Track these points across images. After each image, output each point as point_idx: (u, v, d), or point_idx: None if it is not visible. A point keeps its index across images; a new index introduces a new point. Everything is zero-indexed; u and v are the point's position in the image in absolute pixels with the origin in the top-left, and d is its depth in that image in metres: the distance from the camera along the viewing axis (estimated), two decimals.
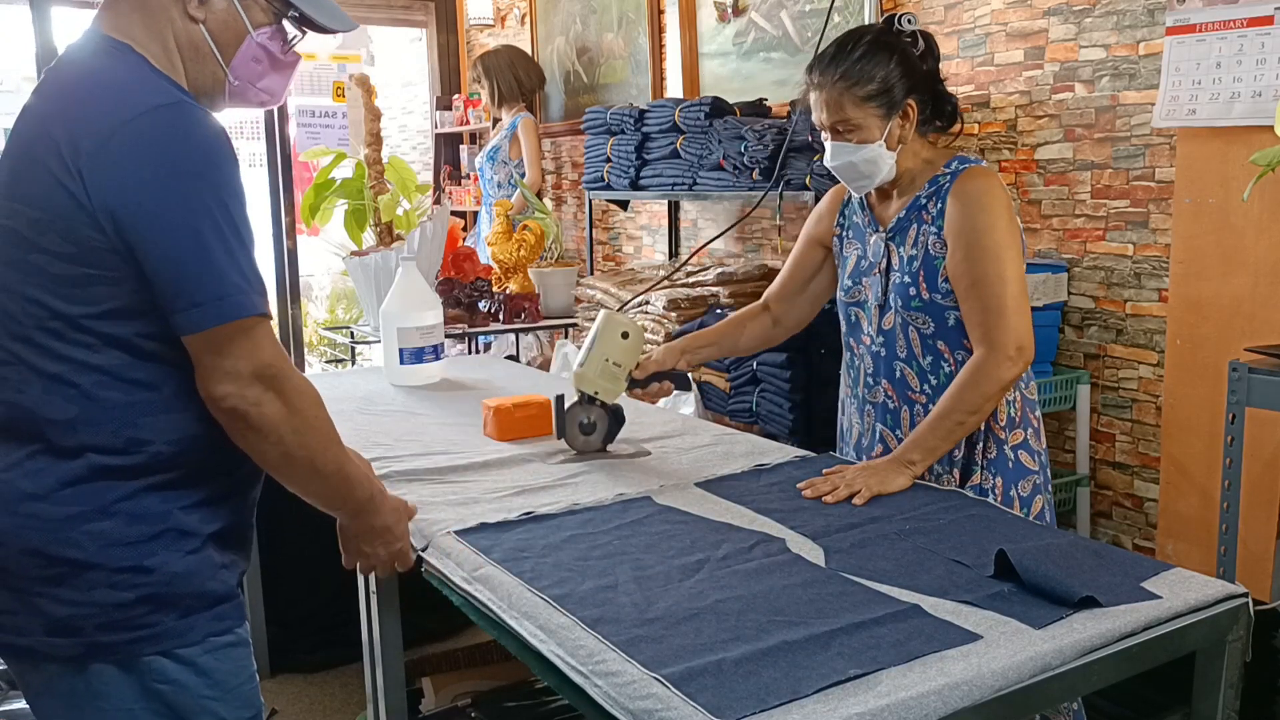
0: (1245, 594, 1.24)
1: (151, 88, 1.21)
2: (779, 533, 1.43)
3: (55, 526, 1.19)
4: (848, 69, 1.75)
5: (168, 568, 1.22)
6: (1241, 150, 2.29)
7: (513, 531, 1.47)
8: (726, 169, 3.47)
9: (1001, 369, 1.69)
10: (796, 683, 1.01)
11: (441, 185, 5.94)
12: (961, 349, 1.77)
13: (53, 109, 1.22)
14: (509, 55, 5.00)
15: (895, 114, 1.76)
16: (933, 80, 1.81)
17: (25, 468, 1.20)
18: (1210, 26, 2.42)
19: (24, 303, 1.19)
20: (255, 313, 1.19)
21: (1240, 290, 2.40)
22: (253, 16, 1.31)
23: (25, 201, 1.19)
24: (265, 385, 1.20)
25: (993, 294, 1.70)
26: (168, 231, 1.16)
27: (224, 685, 1.27)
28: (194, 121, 1.20)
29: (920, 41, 1.80)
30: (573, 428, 1.85)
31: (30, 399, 1.20)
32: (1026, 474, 1.79)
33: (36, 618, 1.20)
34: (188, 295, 1.16)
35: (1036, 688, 1.06)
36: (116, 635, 1.20)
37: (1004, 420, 1.78)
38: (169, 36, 1.27)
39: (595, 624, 1.15)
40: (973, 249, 1.72)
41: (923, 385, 1.81)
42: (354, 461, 1.36)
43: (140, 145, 1.16)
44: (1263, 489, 2.27)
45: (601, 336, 1.84)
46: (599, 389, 1.84)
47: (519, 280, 3.90)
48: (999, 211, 1.72)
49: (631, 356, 1.86)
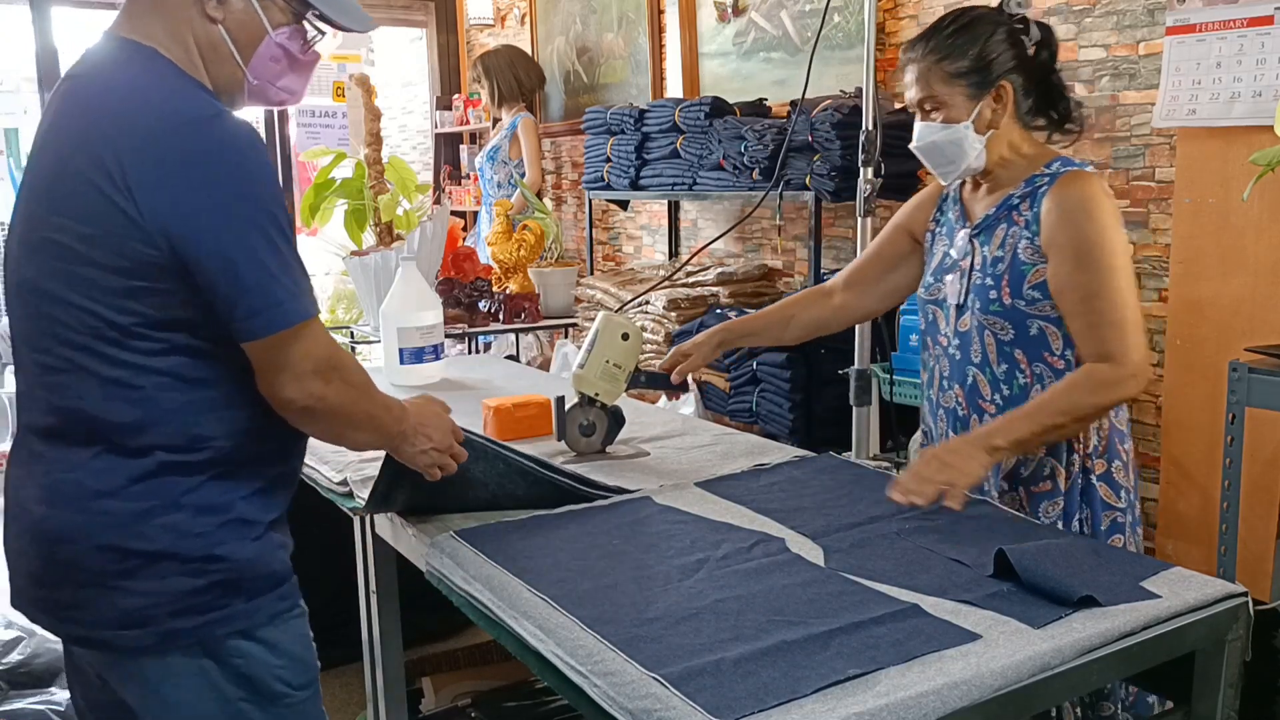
0: (1245, 593, 1.23)
1: (191, 98, 1.24)
2: (778, 532, 1.43)
3: (128, 521, 1.22)
4: (939, 43, 1.67)
5: (236, 555, 1.27)
6: (1241, 150, 2.29)
7: (513, 531, 1.47)
8: (726, 169, 3.47)
9: (1124, 384, 1.57)
10: (795, 682, 1.01)
11: (441, 185, 5.94)
12: (1041, 362, 1.66)
13: (89, 121, 1.22)
14: (509, 55, 5.00)
15: (986, 94, 1.65)
16: (1043, 70, 1.69)
17: (91, 467, 1.23)
18: (1210, 26, 2.42)
19: (76, 312, 1.21)
20: (309, 315, 1.25)
21: (1240, 290, 2.40)
22: (271, 16, 1.31)
23: (73, 217, 1.20)
24: (325, 378, 1.26)
25: (1113, 308, 1.58)
26: (223, 246, 1.19)
27: (289, 654, 1.33)
28: (237, 134, 1.22)
29: (1034, 30, 1.69)
30: (573, 429, 1.85)
31: (91, 404, 1.23)
32: (1106, 509, 1.66)
33: (109, 611, 1.24)
34: (246, 305, 1.20)
35: (1036, 687, 1.06)
36: (189, 620, 1.25)
37: (1090, 445, 1.66)
38: (189, 38, 1.28)
39: (594, 624, 1.15)
40: (1084, 260, 1.60)
41: (994, 394, 1.71)
42: (388, 406, 1.40)
43: (188, 161, 1.18)
44: (1263, 489, 2.27)
45: (601, 338, 1.84)
46: (599, 390, 1.83)
47: (519, 280, 3.90)
48: (1108, 221, 1.61)
49: (631, 358, 1.86)
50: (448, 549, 1.42)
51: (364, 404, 1.34)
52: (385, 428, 1.40)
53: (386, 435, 1.41)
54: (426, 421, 1.45)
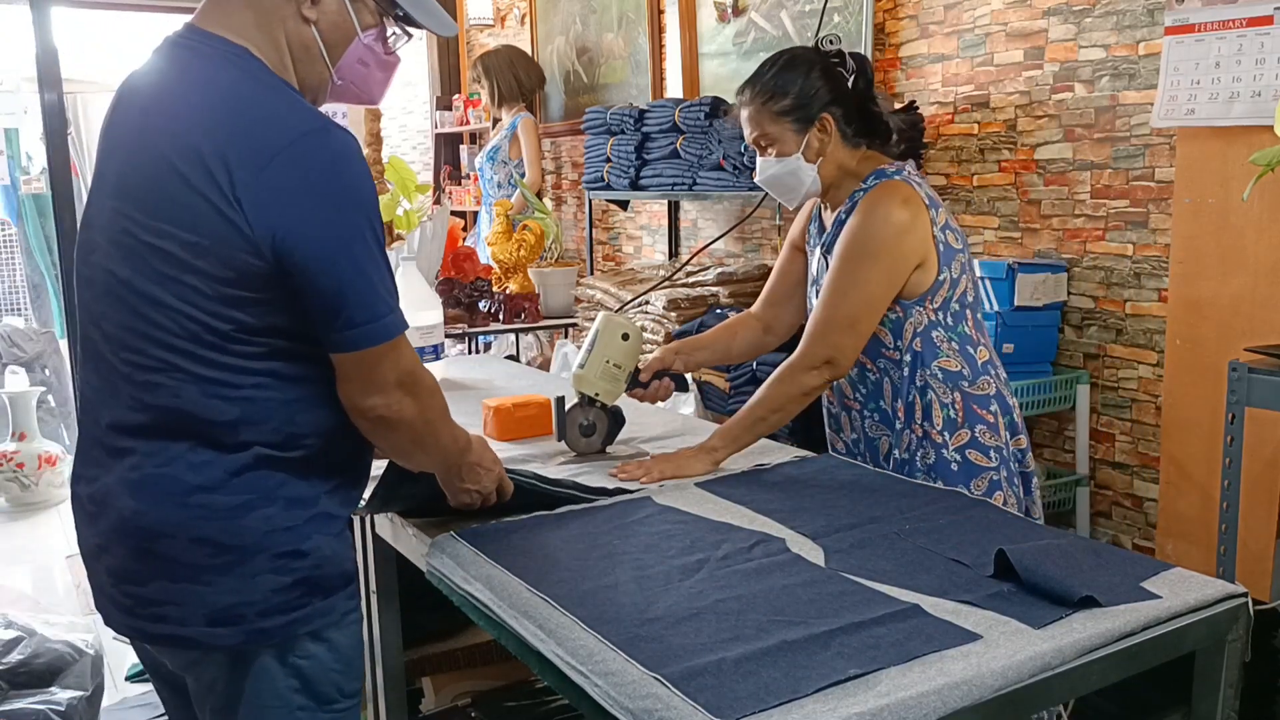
0: (1245, 594, 1.24)
1: (299, 109, 1.23)
2: (779, 532, 1.44)
3: (227, 514, 1.23)
4: (763, 86, 1.82)
5: (321, 551, 1.28)
6: (1241, 150, 2.29)
7: (513, 531, 1.47)
8: (726, 169, 3.47)
9: (803, 376, 1.76)
10: (796, 682, 1.01)
11: (441, 185, 5.94)
12: (881, 358, 1.83)
13: (189, 123, 1.20)
14: (509, 55, 5.00)
15: (811, 127, 1.80)
16: (861, 98, 1.83)
17: (188, 460, 1.23)
18: (1209, 26, 2.42)
19: (176, 316, 1.21)
20: (404, 329, 1.26)
21: (1240, 290, 2.40)
22: (361, 18, 1.32)
23: (178, 224, 1.19)
24: (405, 391, 1.27)
25: (827, 303, 1.77)
26: (328, 259, 1.19)
27: (346, 658, 1.34)
28: (343, 146, 1.22)
29: (849, 61, 1.83)
30: (573, 430, 1.85)
31: (188, 403, 1.23)
32: (980, 472, 1.79)
33: (199, 608, 1.24)
34: (346, 318, 1.21)
35: (1036, 687, 1.06)
36: (274, 620, 1.26)
37: (940, 423, 1.79)
38: (281, 37, 1.27)
39: (595, 623, 1.15)
40: (836, 255, 1.78)
41: (855, 393, 1.90)
42: (456, 436, 1.42)
43: (297, 174, 1.18)
44: (1262, 489, 2.27)
45: (601, 338, 1.85)
46: (599, 390, 1.84)
47: (519, 280, 3.90)
48: (877, 225, 1.74)
49: (631, 358, 1.87)
50: (448, 549, 1.42)
51: (438, 425, 1.36)
52: (450, 457, 1.41)
53: (448, 464, 1.43)
54: (484, 464, 1.47)
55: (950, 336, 1.80)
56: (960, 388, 1.80)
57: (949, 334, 1.80)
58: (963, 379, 1.80)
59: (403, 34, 1.38)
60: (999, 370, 1.86)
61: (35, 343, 5.19)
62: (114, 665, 2.92)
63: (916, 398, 1.81)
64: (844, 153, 1.83)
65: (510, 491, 1.53)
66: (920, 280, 1.78)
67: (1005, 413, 1.83)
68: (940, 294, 1.79)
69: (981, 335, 1.85)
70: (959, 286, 1.81)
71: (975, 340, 1.83)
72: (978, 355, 1.82)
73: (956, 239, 1.81)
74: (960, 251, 1.81)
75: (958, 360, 1.80)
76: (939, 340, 1.80)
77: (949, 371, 1.80)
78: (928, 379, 1.79)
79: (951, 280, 1.80)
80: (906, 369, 1.81)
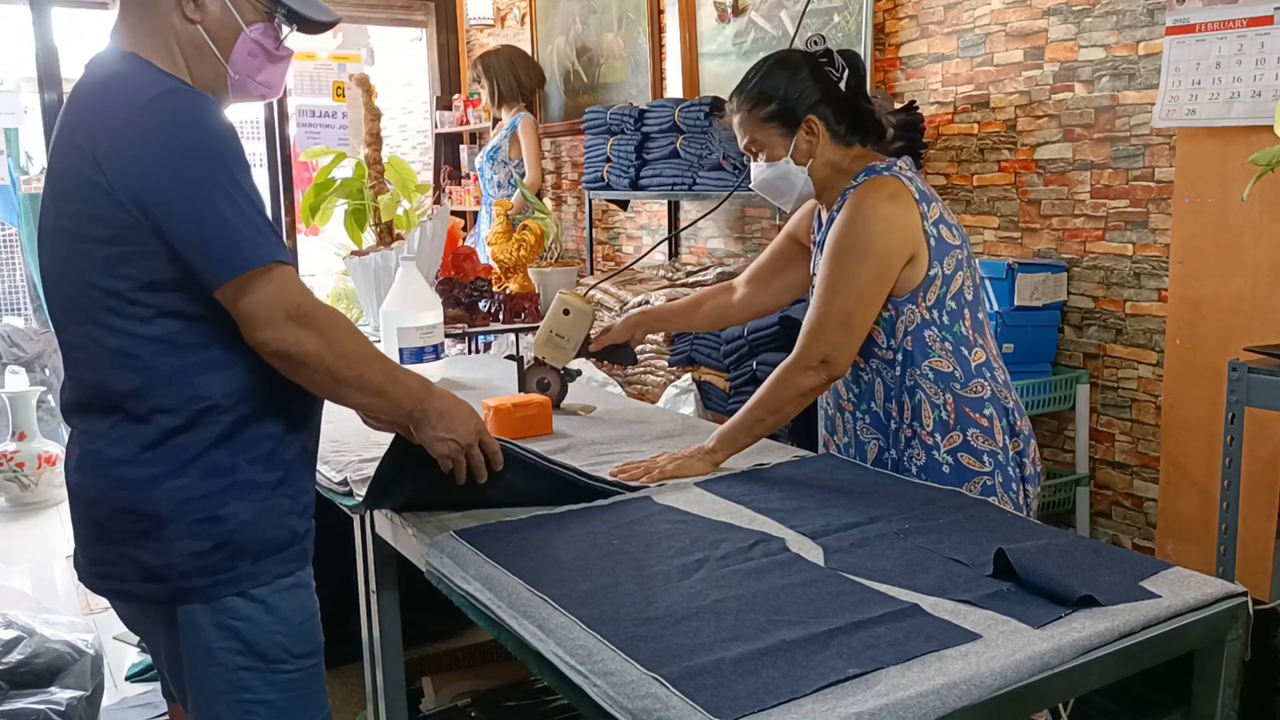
0: (1244, 593, 1.23)
1: (150, 80, 1.35)
2: (778, 532, 1.44)
3: (139, 486, 1.35)
4: (748, 94, 1.84)
5: (238, 516, 1.38)
6: (1241, 150, 2.29)
7: (513, 531, 1.47)
8: (726, 169, 3.47)
9: (800, 377, 1.74)
10: (795, 682, 1.01)
11: (441, 185, 5.94)
12: (874, 358, 1.81)
13: (75, 119, 1.36)
14: (509, 55, 5.00)
15: (798, 130, 1.80)
16: (851, 96, 1.82)
17: (110, 436, 1.36)
18: (1210, 26, 2.42)
19: (84, 288, 1.34)
20: (272, 260, 1.31)
21: (1240, 290, 2.40)
22: (244, 14, 1.43)
23: (66, 200, 1.35)
24: (300, 323, 1.32)
25: (820, 301, 1.75)
26: (182, 201, 1.28)
27: (290, 621, 1.43)
28: (191, 102, 1.34)
29: (838, 60, 1.82)
30: (531, 383, 2.19)
31: (101, 374, 1.36)
32: (972, 475, 1.76)
33: (131, 567, 1.38)
34: (207, 254, 1.29)
35: (1036, 687, 1.06)
36: (198, 580, 1.37)
37: (930, 424, 1.77)
38: (171, 40, 1.41)
39: (594, 623, 1.15)
40: (826, 253, 1.76)
41: (849, 394, 1.89)
42: (402, 381, 1.45)
43: (148, 129, 1.30)
44: (1262, 489, 2.27)
45: (550, 313, 2.15)
46: (545, 355, 2.16)
47: (519, 280, 3.89)
48: (863, 220, 1.73)
49: (576, 329, 2.14)
50: (448, 549, 1.42)
51: (359, 362, 1.38)
52: (394, 398, 1.44)
53: (396, 406, 1.45)
54: (452, 412, 1.49)
55: (944, 336, 1.78)
56: (952, 389, 1.77)
57: (943, 333, 1.78)
58: (954, 380, 1.77)
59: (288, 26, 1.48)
60: (996, 373, 1.82)
61: (35, 342, 5.20)
62: (114, 665, 2.92)
63: (906, 398, 1.79)
64: (835, 152, 1.83)
65: (497, 454, 1.53)
66: (911, 275, 1.75)
67: (1002, 415, 1.79)
68: (933, 290, 1.76)
69: (980, 336, 1.82)
70: (953, 283, 1.78)
71: (971, 341, 1.80)
72: (973, 357, 1.79)
73: (953, 234, 1.79)
74: (956, 248, 1.78)
75: (950, 361, 1.77)
76: (931, 340, 1.77)
77: (940, 372, 1.77)
78: (918, 379, 1.77)
79: (944, 276, 1.76)
80: (898, 369, 1.79)
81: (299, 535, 1.47)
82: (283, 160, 5.42)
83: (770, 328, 3.22)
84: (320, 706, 1.51)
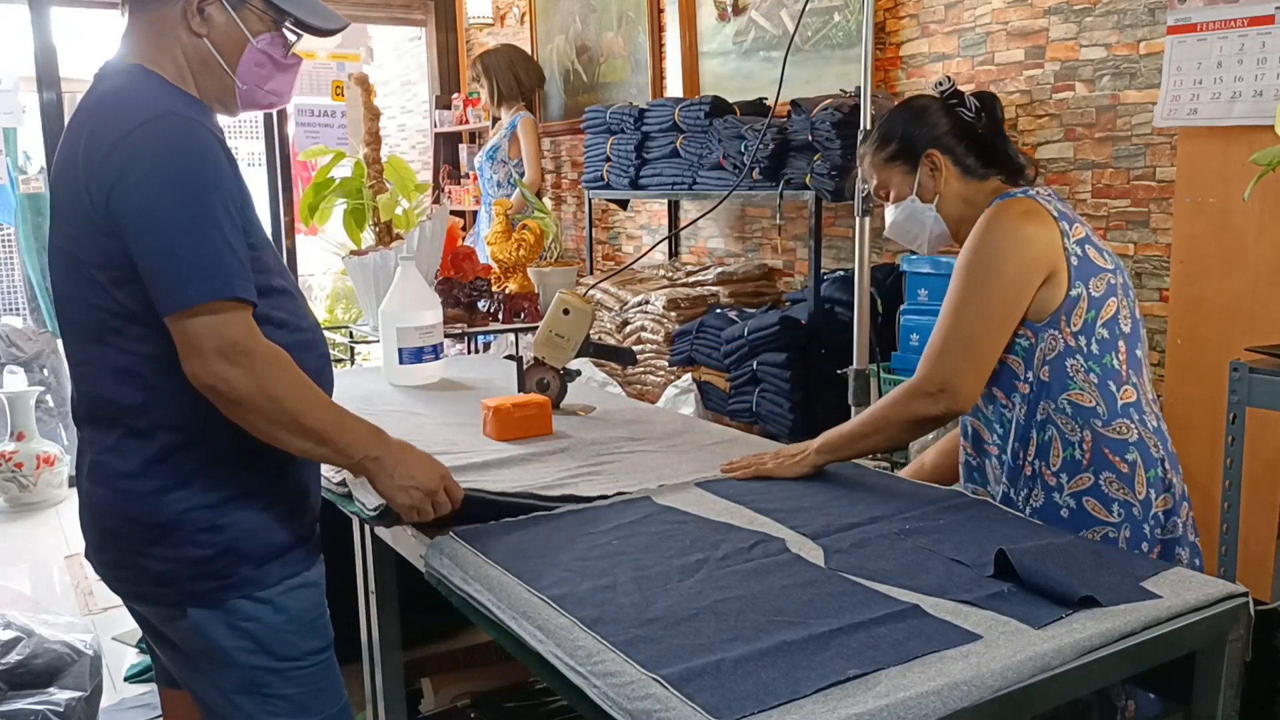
0: (1245, 593, 1.23)
1: (146, 102, 1.34)
2: (779, 533, 1.43)
3: (146, 498, 1.39)
4: (871, 138, 1.83)
5: (239, 525, 1.41)
6: (1242, 150, 2.29)
7: (512, 532, 1.46)
8: (726, 168, 3.47)
9: (915, 402, 1.62)
10: (795, 683, 1.01)
11: (441, 185, 5.94)
12: (1015, 391, 1.64)
13: (76, 134, 1.36)
14: (508, 54, 5.00)
15: (920, 167, 1.74)
16: (987, 134, 1.75)
17: (118, 449, 1.40)
18: (1211, 26, 2.42)
19: (88, 309, 1.37)
20: (220, 296, 1.30)
21: (1241, 290, 2.40)
22: (250, 25, 1.44)
23: (68, 223, 1.37)
24: (232, 361, 1.30)
25: (942, 324, 1.63)
26: (142, 233, 1.29)
27: (299, 619, 1.47)
28: (176, 130, 1.32)
29: (970, 101, 1.76)
30: (530, 383, 2.18)
31: (106, 389, 1.39)
32: (1093, 524, 1.58)
33: (143, 572, 1.42)
34: (156, 284, 1.30)
35: (1036, 688, 1.06)
36: (205, 584, 1.41)
37: (1058, 463, 1.61)
38: (178, 52, 1.42)
39: (594, 624, 1.14)
40: (954, 273, 1.66)
41: (992, 436, 1.71)
42: (350, 428, 1.42)
43: (126, 158, 1.30)
44: (1263, 489, 2.27)
45: (550, 312, 2.15)
46: (545, 355, 2.16)
47: (518, 280, 3.89)
48: (993, 236, 1.61)
49: (576, 330, 2.14)
50: (447, 549, 1.42)
51: (294, 406, 1.34)
52: (339, 446, 1.40)
53: (342, 454, 1.41)
54: (410, 461, 1.46)
55: (1090, 367, 1.59)
56: (1091, 425, 1.58)
57: (1088, 363, 1.59)
58: (1095, 416, 1.58)
59: (295, 35, 1.48)
60: (1147, 418, 1.62)
61: (34, 343, 5.19)
62: (112, 666, 2.92)
63: (1035, 434, 1.62)
64: (967, 187, 1.73)
65: (459, 498, 1.49)
66: (1049, 297, 1.59)
67: (1150, 466, 1.58)
68: (1078, 314, 1.59)
69: (1135, 374, 1.63)
70: (1104, 309, 1.60)
71: (1124, 377, 1.61)
72: (1121, 395, 1.60)
73: (1103, 257, 1.63)
74: (1110, 272, 1.62)
75: (1093, 395, 1.58)
76: (1073, 369, 1.59)
77: (1079, 406, 1.59)
78: (1050, 413, 1.60)
79: (1091, 298, 1.59)
80: (1030, 402, 1.62)
81: (302, 538, 1.49)
82: (281, 159, 5.41)
83: (770, 328, 3.22)
84: (337, 697, 1.53)
